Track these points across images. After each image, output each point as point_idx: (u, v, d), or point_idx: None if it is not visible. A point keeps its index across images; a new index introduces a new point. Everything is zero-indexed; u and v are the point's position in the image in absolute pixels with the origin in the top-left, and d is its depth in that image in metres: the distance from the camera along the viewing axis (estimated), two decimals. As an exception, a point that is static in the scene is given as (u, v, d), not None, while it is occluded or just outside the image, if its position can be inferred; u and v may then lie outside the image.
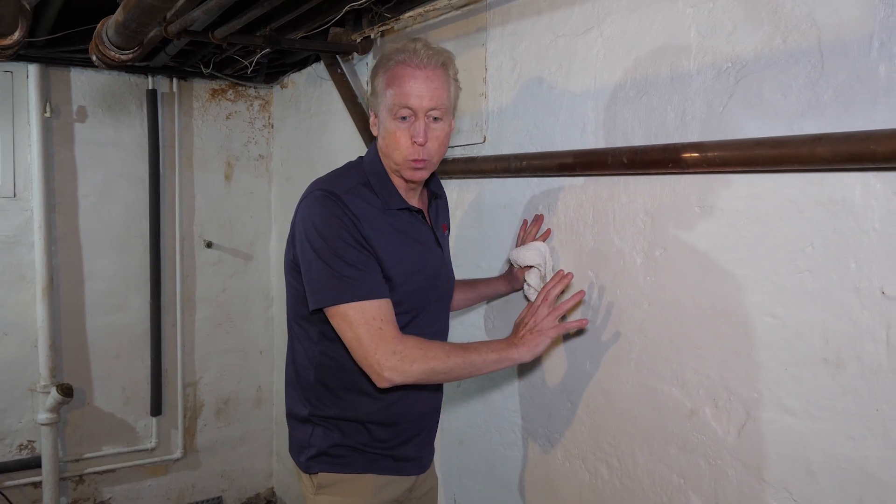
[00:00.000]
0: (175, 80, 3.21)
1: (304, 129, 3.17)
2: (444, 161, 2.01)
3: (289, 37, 2.38)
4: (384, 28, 2.25)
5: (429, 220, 1.57)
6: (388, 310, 1.36)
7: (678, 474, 1.43)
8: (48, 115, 2.92)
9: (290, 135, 3.35)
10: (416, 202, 1.52)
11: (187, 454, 3.43)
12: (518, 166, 1.76)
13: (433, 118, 1.40)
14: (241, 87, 3.42)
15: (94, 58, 1.98)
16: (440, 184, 1.67)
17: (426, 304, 1.50)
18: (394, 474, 1.52)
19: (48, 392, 2.93)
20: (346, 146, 2.75)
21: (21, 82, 2.88)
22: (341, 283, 1.33)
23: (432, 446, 1.65)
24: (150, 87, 3.13)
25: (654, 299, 1.46)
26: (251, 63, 2.85)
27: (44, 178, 2.92)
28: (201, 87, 3.32)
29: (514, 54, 1.83)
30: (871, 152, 1.03)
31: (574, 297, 1.48)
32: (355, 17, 2.36)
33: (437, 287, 1.53)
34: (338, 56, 2.56)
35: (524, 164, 1.74)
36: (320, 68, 2.86)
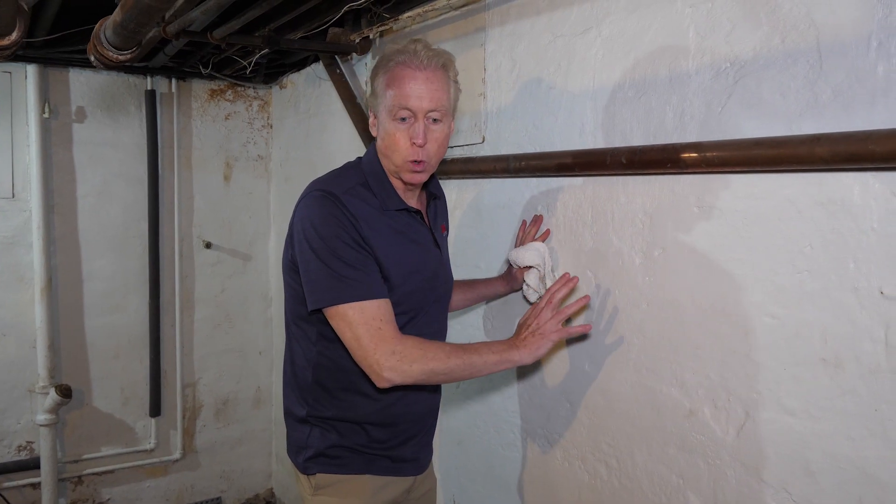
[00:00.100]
0: (174, 81, 3.21)
1: (303, 130, 3.16)
2: (443, 161, 2.01)
3: (288, 37, 2.38)
4: (383, 28, 2.25)
5: (427, 221, 1.56)
6: (388, 310, 1.36)
7: (677, 474, 1.43)
8: (47, 115, 2.91)
9: (289, 135, 3.35)
10: (414, 203, 1.52)
11: (186, 455, 3.43)
12: (517, 166, 1.76)
13: (433, 119, 1.40)
14: (239, 88, 3.42)
15: (92, 58, 1.98)
16: (439, 185, 1.67)
17: (424, 305, 1.50)
18: (392, 475, 1.52)
19: (47, 393, 2.93)
20: (345, 146, 2.74)
21: (19, 83, 2.88)
22: (340, 283, 1.33)
23: (430, 447, 1.65)
24: (149, 88, 3.13)
25: (653, 299, 1.46)
26: (250, 63, 2.85)
27: (42, 178, 2.92)
28: (200, 88, 3.32)
29: (512, 54, 1.83)
30: (869, 152, 1.03)
31: (579, 302, 1.47)
32: (354, 18, 2.36)
33: (436, 288, 1.53)
34: (337, 56, 2.55)
35: (523, 164, 1.74)
36: (319, 69, 2.86)
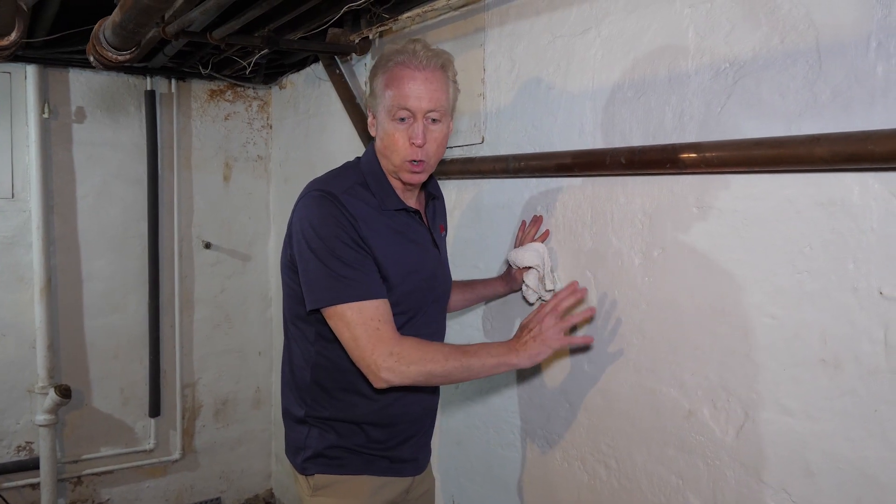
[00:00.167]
0: (173, 81, 3.21)
1: (303, 130, 3.16)
2: (443, 162, 2.01)
3: (287, 37, 2.38)
4: (382, 29, 2.25)
5: (426, 220, 1.56)
6: (386, 310, 1.35)
7: (676, 475, 1.42)
8: (46, 115, 2.91)
9: (288, 135, 3.35)
10: (413, 203, 1.52)
11: (186, 455, 3.43)
12: (516, 167, 1.76)
13: (432, 120, 1.39)
14: (239, 88, 3.42)
15: (91, 58, 1.98)
16: (437, 185, 1.67)
17: (423, 305, 1.49)
18: (390, 475, 1.52)
19: (46, 393, 2.93)
20: (344, 147, 2.74)
21: (19, 83, 2.88)
22: (338, 283, 1.32)
23: (429, 447, 1.64)
24: (149, 88, 3.13)
25: (652, 300, 1.46)
26: (250, 64, 2.85)
27: (42, 178, 2.92)
28: (200, 88, 3.32)
29: (512, 55, 1.83)
30: (869, 152, 1.03)
31: (584, 313, 1.45)
32: (354, 18, 2.36)
33: (434, 288, 1.53)
34: (336, 57, 2.55)
35: (522, 164, 1.74)
36: (319, 69, 2.85)
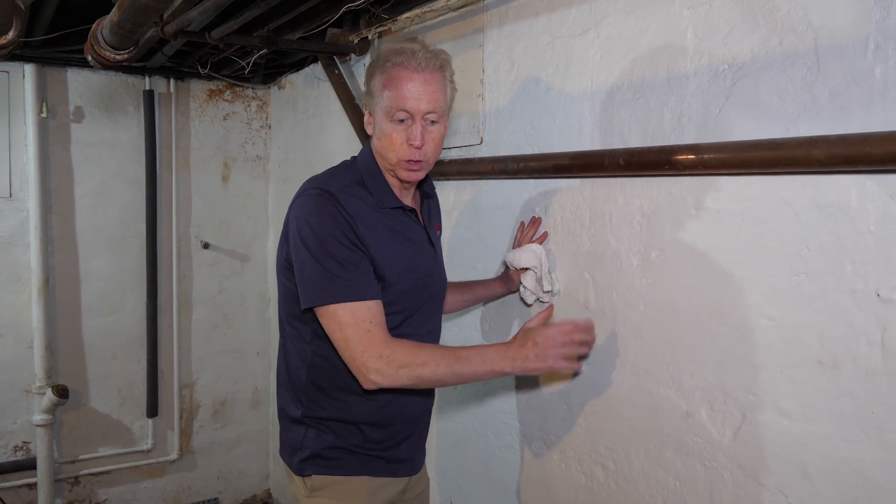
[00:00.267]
0: (172, 81, 3.21)
1: (302, 130, 3.16)
2: (441, 162, 2.01)
3: (286, 37, 2.38)
4: (381, 29, 2.25)
5: (421, 219, 1.56)
6: (378, 312, 1.34)
7: (674, 477, 1.42)
8: (44, 115, 2.91)
9: (287, 136, 3.34)
10: (409, 201, 1.52)
11: (183, 456, 3.42)
12: (515, 168, 1.76)
13: (430, 121, 1.39)
14: (238, 88, 3.42)
15: (89, 58, 1.98)
16: (432, 184, 1.67)
17: (420, 304, 1.49)
18: (387, 476, 1.51)
19: (43, 393, 2.92)
20: (343, 147, 2.74)
21: (17, 82, 2.88)
22: (332, 283, 1.32)
23: (424, 448, 1.64)
24: (147, 88, 3.12)
25: (650, 301, 1.46)
26: (248, 64, 2.85)
27: (40, 178, 2.91)
28: (198, 88, 3.32)
29: (511, 56, 1.83)
30: (866, 154, 1.03)
31: (585, 348, 1.43)
32: (353, 18, 2.36)
33: (430, 286, 1.53)
34: (335, 57, 2.55)
35: (521, 165, 1.74)
36: (318, 69, 2.85)
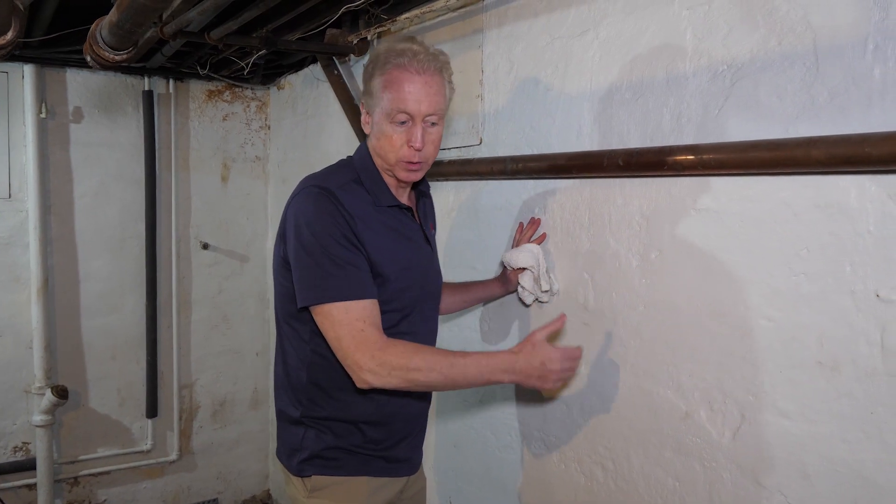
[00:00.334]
0: (171, 81, 3.20)
1: (301, 131, 3.16)
2: (440, 163, 2.01)
3: (285, 38, 2.38)
4: (381, 29, 2.25)
5: (417, 218, 1.56)
6: (374, 311, 1.33)
7: (673, 477, 1.42)
8: (44, 115, 2.90)
9: (286, 136, 3.34)
10: (405, 200, 1.51)
11: (183, 456, 3.42)
12: (514, 168, 1.76)
13: (430, 123, 1.39)
14: (237, 89, 3.42)
15: (88, 58, 1.98)
16: (427, 183, 1.66)
17: (417, 302, 1.49)
18: (388, 476, 1.51)
19: (43, 394, 2.92)
20: (342, 147, 2.74)
21: (16, 83, 2.87)
22: (328, 281, 1.31)
23: (421, 447, 1.64)
24: (147, 88, 3.12)
25: (649, 302, 1.46)
26: (248, 64, 2.85)
27: (39, 179, 2.91)
28: (198, 89, 3.32)
29: (510, 56, 1.83)
30: (866, 155, 1.03)
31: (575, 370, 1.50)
32: (352, 19, 2.36)
33: (426, 285, 1.52)
34: (334, 58, 2.55)
35: (520, 165, 1.74)
36: (317, 70, 2.85)
